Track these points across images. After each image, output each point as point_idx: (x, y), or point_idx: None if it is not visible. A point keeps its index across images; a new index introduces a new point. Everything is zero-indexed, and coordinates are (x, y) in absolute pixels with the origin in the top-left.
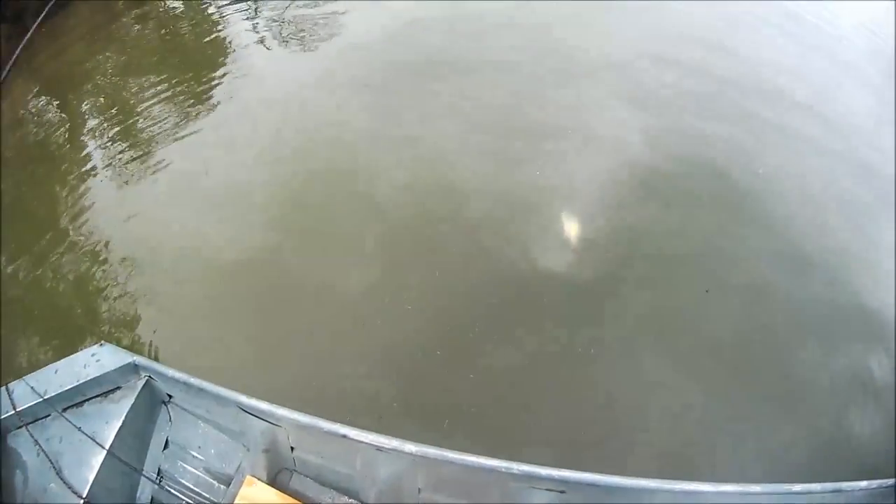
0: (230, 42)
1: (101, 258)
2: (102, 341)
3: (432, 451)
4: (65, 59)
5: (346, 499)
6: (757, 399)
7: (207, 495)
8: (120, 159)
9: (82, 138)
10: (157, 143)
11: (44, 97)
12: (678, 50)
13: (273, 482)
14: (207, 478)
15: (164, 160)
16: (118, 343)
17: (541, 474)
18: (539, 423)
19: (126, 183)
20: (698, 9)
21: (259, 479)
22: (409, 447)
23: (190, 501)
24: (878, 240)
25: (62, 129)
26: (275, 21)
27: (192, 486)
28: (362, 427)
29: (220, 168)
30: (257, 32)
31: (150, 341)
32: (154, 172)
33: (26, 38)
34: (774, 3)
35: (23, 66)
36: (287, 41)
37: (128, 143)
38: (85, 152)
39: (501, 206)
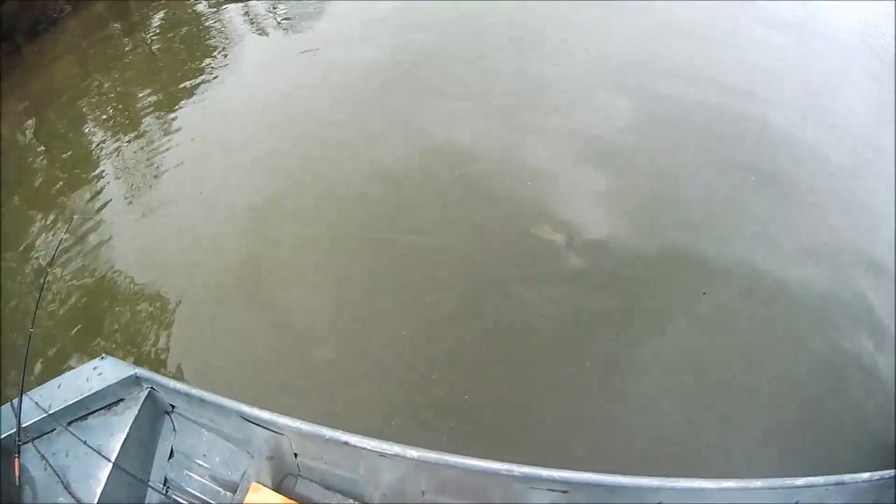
0: (224, 47)
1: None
2: (104, 354)
3: (434, 456)
4: (56, 74)
5: (351, 501)
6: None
7: (214, 503)
8: (117, 168)
9: (77, 150)
10: (152, 151)
11: (36, 112)
12: (678, 51)
13: (279, 488)
14: (213, 485)
15: (159, 168)
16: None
17: (542, 476)
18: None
19: (126, 192)
20: (698, 10)
21: (265, 486)
22: (411, 452)
23: None
24: (879, 240)
25: (55, 142)
26: (271, 23)
27: (198, 494)
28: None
29: (217, 171)
30: (254, 34)
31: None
32: (151, 183)
33: None
34: (773, 4)
35: (15, 82)
36: (284, 42)
37: (123, 153)
38: (79, 164)
39: (501, 210)
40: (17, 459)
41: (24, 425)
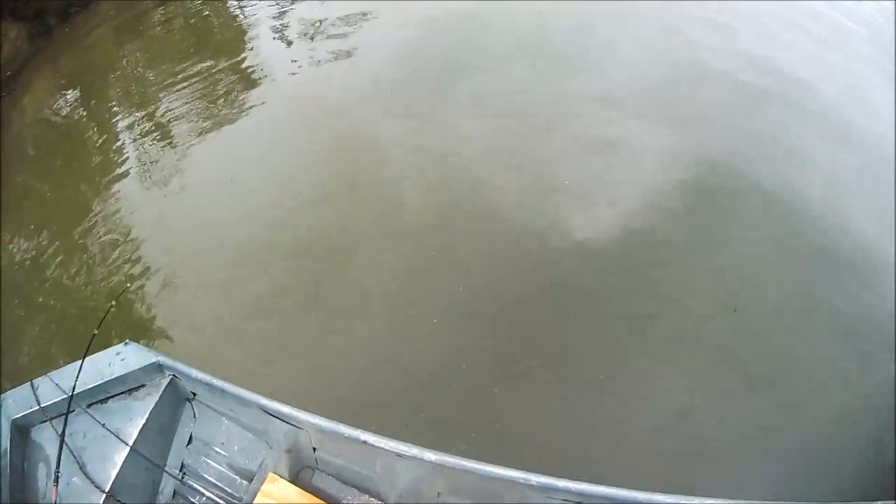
0: (256, 40)
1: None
2: (127, 340)
3: (451, 460)
4: (87, 57)
5: (366, 498)
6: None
7: (230, 490)
8: (146, 154)
9: (105, 135)
10: (183, 141)
11: (67, 94)
12: (697, 49)
13: (295, 479)
14: (230, 473)
15: (190, 158)
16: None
17: (557, 486)
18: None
19: (153, 179)
20: (712, 7)
21: (281, 476)
22: (429, 455)
23: (212, 496)
24: None
25: (83, 126)
26: (299, 21)
27: (214, 482)
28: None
29: (244, 168)
30: (282, 31)
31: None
32: (179, 171)
33: None
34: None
35: (46, 63)
36: (308, 42)
37: (152, 140)
38: (107, 149)
39: (522, 212)
40: (55, 489)
41: (43, 405)
